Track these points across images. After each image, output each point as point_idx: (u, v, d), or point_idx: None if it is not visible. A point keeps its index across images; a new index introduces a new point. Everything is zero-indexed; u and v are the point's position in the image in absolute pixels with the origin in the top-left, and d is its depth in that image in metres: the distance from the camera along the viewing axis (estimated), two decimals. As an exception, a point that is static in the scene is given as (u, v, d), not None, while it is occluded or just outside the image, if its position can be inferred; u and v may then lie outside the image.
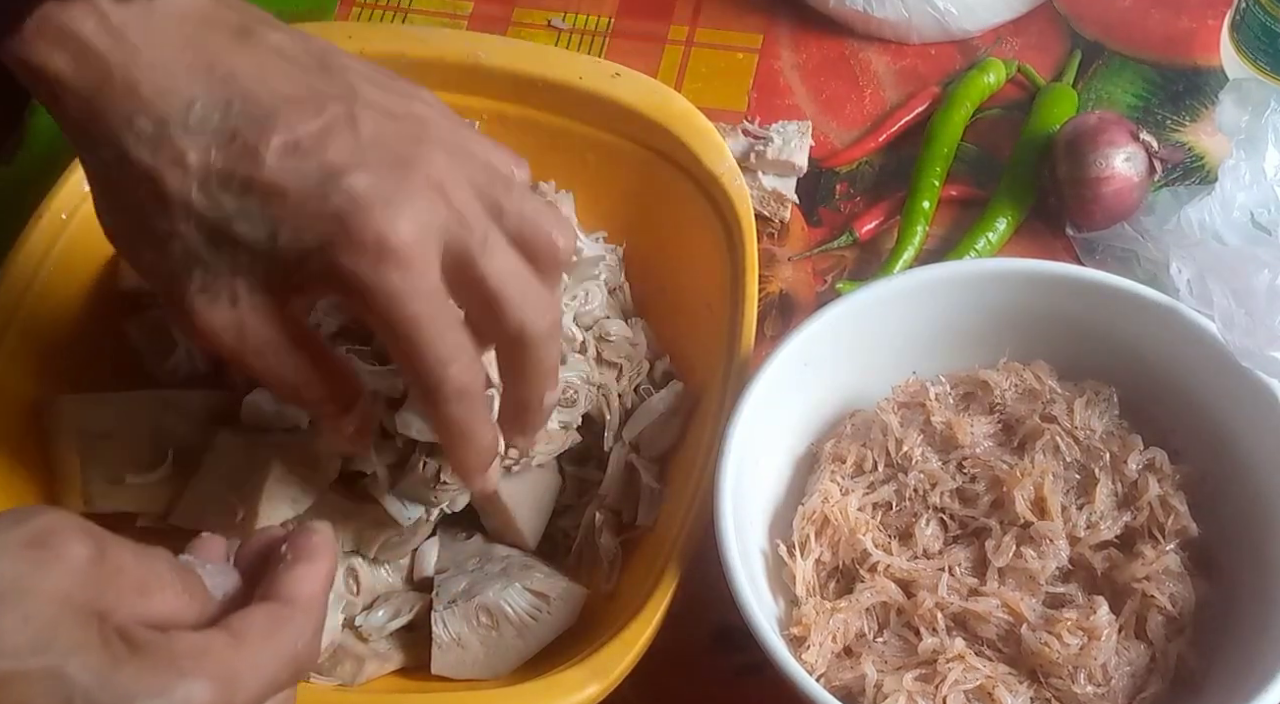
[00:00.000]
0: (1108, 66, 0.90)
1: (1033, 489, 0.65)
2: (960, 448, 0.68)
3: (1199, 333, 0.67)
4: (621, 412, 0.72)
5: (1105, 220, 0.80)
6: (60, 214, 0.75)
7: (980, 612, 0.63)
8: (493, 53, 0.80)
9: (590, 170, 0.79)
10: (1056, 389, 0.69)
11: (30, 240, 0.74)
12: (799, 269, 0.84)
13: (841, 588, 0.66)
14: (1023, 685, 0.62)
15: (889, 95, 0.90)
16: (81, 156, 0.57)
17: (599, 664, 0.62)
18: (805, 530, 0.66)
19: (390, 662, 0.67)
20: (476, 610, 0.65)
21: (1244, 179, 0.78)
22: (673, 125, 0.77)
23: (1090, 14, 0.93)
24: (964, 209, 0.85)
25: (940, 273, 0.71)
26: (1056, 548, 0.65)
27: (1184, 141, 0.87)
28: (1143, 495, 0.66)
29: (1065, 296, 0.69)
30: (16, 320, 0.72)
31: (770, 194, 0.84)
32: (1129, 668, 0.62)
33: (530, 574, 0.67)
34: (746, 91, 0.91)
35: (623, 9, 0.95)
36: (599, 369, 0.72)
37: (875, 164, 0.88)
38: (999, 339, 0.70)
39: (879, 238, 0.84)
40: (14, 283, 0.73)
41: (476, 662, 0.65)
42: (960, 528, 0.67)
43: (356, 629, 0.66)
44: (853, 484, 0.68)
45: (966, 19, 0.91)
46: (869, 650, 0.63)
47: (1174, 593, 0.63)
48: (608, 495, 0.70)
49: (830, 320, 0.68)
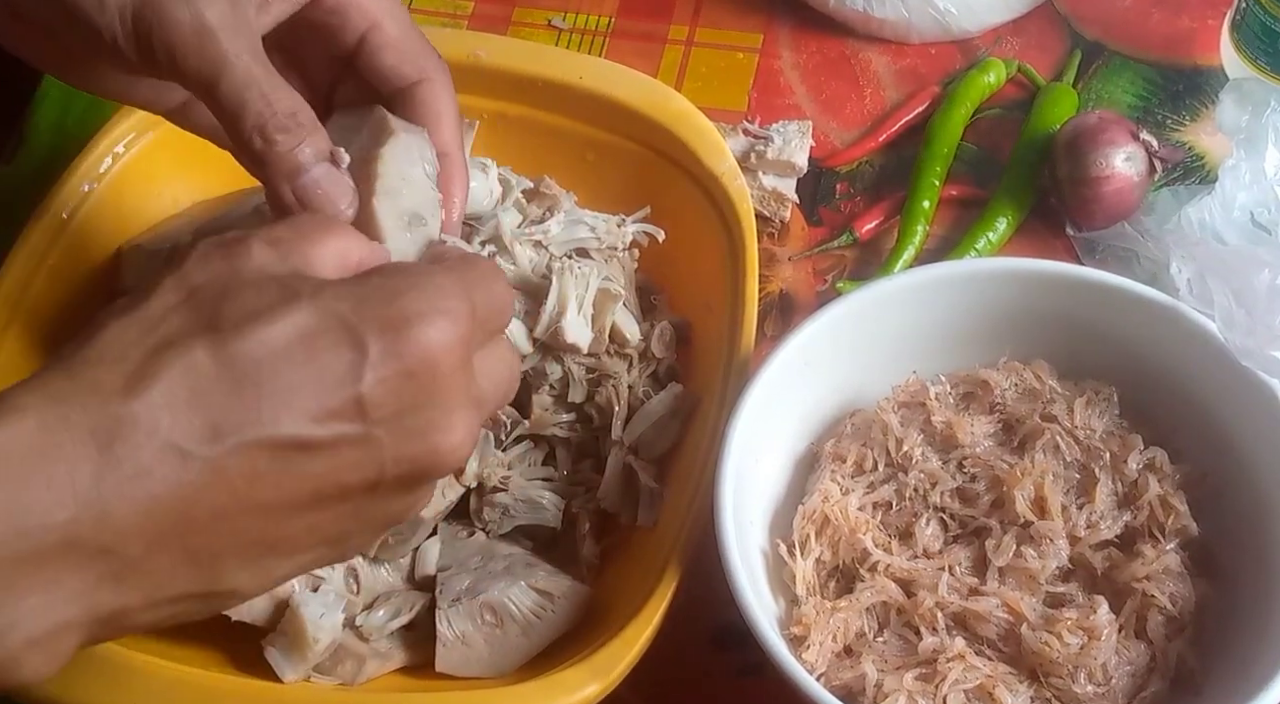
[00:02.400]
0: (1108, 66, 0.90)
1: (1033, 489, 0.65)
2: (960, 447, 0.68)
3: (1199, 332, 0.67)
4: (630, 402, 0.72)
5: (1105, 220, 0.80)
6: (60, 214, 0.75)
7: (980, 611, 0.63)
8: (493, 52, 0.80)
9: (590, 169, 0.79)
10: (1057, 389, 0.69)
11: (30, 240, 0.74)
12: (799, 269, 0.84)
13: (842, 587, 0.66)
14: (1023, 685, 0.62)
15: (889, 95, 0.90)
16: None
17: (599, 664, 0.62)
18: (805, 530, 0.66)
19: (391, 661, 0.67)
20: (481, 608, 0.65)
21: (1244, 179, 0.78)
22: (673, 125, 0.78)
23: (1090, 14, 0.93)
24: (964, 209, 0.85)
25: (940, 273, 0.71)
26: (1056, 547, 0.65)
27: (1184, 141, 0.87)
28: (1143, 495, 0.66)
29: (1065, 296, 0.69)
30: (16, 320, 0.72)
31: (770, 194, 0.84)
32: (1129, 667, 0.62)
33: (534, 572, 0.67)
34: (746, 91, 0.91)
35: (623, 9, 0.95)
36: (610, 360, 0.72)
37: (875, 164, 0.88)
38: (999, 339, 0.70)
39: (879, 237, 0.84)
40: (14, 283, 0.73)
41: (481, 660, 0.65)
42: (960, 527, 0.67)
43: (357, 629, 0.66)
44: (853, 484, 0.68)
45: (967, 19, 0.91)
46: (869, 650, 0.63)
47: (1174, 592, 0.63)
48: (605, 498, 0.70)
49: (830, 320, 0.68)
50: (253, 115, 0.54)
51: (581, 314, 0.70)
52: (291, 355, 0.46)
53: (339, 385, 0.46)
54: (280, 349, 0.46)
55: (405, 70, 0.60)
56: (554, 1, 0.96)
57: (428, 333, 0.47)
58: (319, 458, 0.46)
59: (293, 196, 0.55)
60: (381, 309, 0.47)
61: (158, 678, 0.63)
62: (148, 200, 0.78)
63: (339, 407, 0.46)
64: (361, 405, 0.46)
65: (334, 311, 0.47)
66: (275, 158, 0.54)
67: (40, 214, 0.75)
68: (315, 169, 0.55)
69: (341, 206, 0.55)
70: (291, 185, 0.55)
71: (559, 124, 0.80)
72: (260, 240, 0.49)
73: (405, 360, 0.47)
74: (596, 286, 0.71)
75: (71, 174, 0.76)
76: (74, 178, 0.76)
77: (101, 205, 0.76)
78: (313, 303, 0.47)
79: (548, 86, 0.79)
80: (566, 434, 0.72)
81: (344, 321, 0.46)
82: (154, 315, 0.46)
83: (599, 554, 0.70)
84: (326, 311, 0.47)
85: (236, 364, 0.45)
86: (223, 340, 0.45)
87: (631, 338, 0.73)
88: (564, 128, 0.80)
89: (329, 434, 0.46)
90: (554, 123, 0.80)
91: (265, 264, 0.48)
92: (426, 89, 0.60)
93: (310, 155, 0.55)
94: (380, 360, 0.46)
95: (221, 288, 0.47)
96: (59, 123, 0.90)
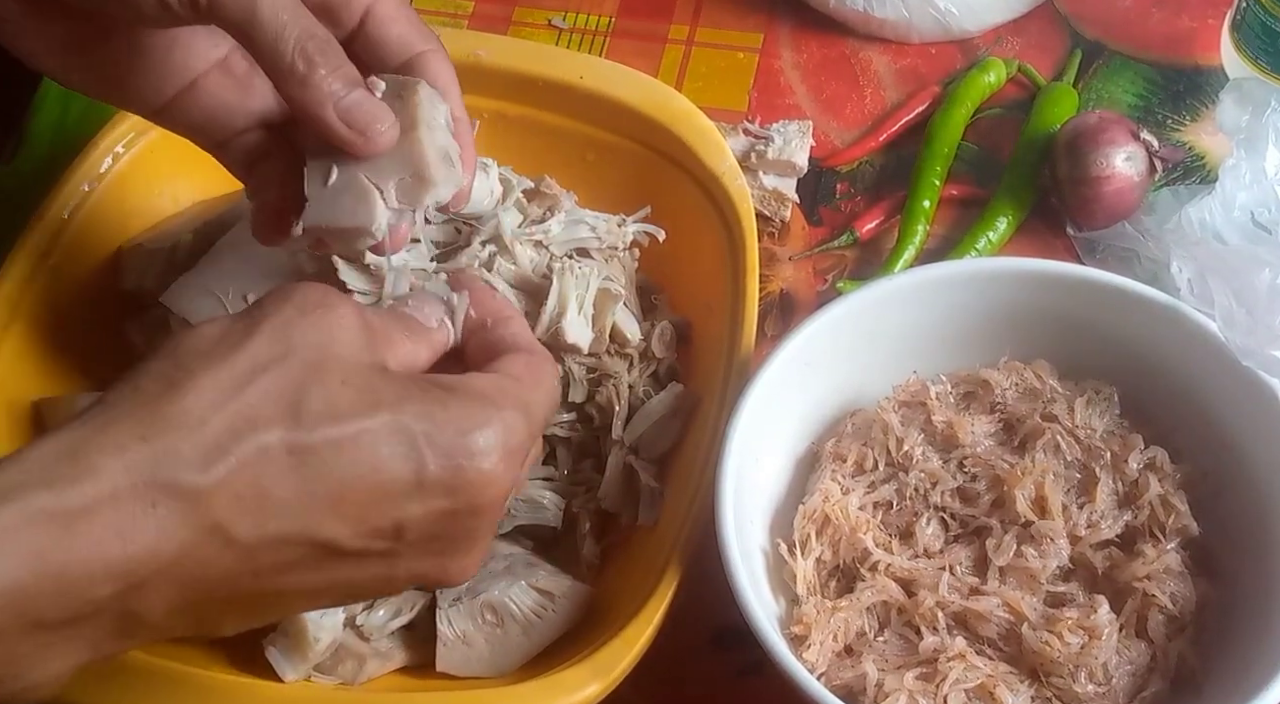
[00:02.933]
0: (1108, 66, 0.90)
1: (1033, 488, 0.65)
2: (961, 447, 0.68)
3: (1200, 332, 0.67)
4: (631, 402, 0.72)
5: (1106, 220, 0.80)
6: (60, 214, 0.75)
7: (981, 611, 0.63)
8: (493, 52, 0.80)
9: (590, 169, 0.79)
10: (1057, 388, 0.69)
11: (30, 240, 0.74)
12: (799, 269, 0.84)
13: (842, 587, 0.66)
14: (1023, 684, 0.62)
15: (889, 95, 0.90)
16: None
17: (600, 663, 0.62)
18: (806, 529, 0.66)
19: (391, 660, 0.67)
20: (482, 608, 0.65)
21: (1244, 178, 0.78)
22: (673, 125, 0.78)
23: (1091, 14, 0.93)
24: (964, 209, 0.85)
25: (940, 272, 0.71)
26: (1057, 547, 0.65)
27: (1184, 141, 0.87)
28: (1143, 494, 0.66)
29: (1065, 296, 0.69)
30: (17, 320, 0.72)
31: (771, 193, 0.84)
32: (1129, 667, 0.62)
33: (535, 572, 0.67)
34: (747, 91, 0.91)
35: (623, 9, 0.95)
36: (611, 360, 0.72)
37: (876, 164, 0.88)
38: (999, 338, 0.70)
39: (879, 237, 0.84)
40: (14, 283, 0.73)
41: (481, 659, 0.65)
42: (961, 527, 0.67)
43: (358, 628, 0.66)
44: (853, 483, 0.68)
45: (967, 19, 0.91)
46: (870, 649, 0.63)
47: (1175, 592, 0.63)
48: (605, 498, 0.70)
49: (830, 320, 0.68)
50: (293, 39, 0.55)
51: (582, 314, 0.70)
52: (356, 465, 0.47)
53: (388, 507, 0.48)
54: (348, 457, 0.47)
55: (412, 40, 0.61)
56: (554, 1, 0.96)
57: (488, 480, 0.49)
58: (345, 562, 0.49)
59: (338, 119, 0.56)
60: (452, 441, 0.49)
61: (158, 678, 0.63)
62: (148, 200, 0.78)
63: (381, 526, 0.48)
64: (400, 529, 0.49)
65: (408, 432, 0.48)
66: (319, 80, 0.56)
67: (40, 214, 0.75)
68: (355, 92, 0.56)
69: (383, 128, 0.57)
70: (335, 107, 0.56)
71: (559, 124, 0.80)
72: (357, 316, 0.50)
73: (455, 499, 0.49)
74: (597, 286, 0.71)
75: (71, 174, 0.76)
76: (74, 178, 0.76)
77: (101, 205, 0.76)
78: (392, 417, 0.48)
79: (548, 86, 0.79)
80: (567, 434, 0.72)
81: (414, 443, 0.48)
82: (242, 372, 0.47)
83: (599, 554, 0.70)
84: (401, 430, 0.48)
85: (306, 461, 0.47)
86: (300, 435, 0.47)
87: (632, 338, 0.73)
88: (564, 128, 0.80)
89: (362, 546, 0.48)
90: (554, 123, 0.80)
91: (357, 347, 0.50)
92: (431, 59, 0.61)
93: (347, 81, 0.56)
94: (432, 493, 0.49)
95: (316, 362, 0.48)
96: (59, 123, 0.90)
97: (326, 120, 0.56)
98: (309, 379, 0.48)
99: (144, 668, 0.63)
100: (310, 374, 0.48)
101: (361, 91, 0.57)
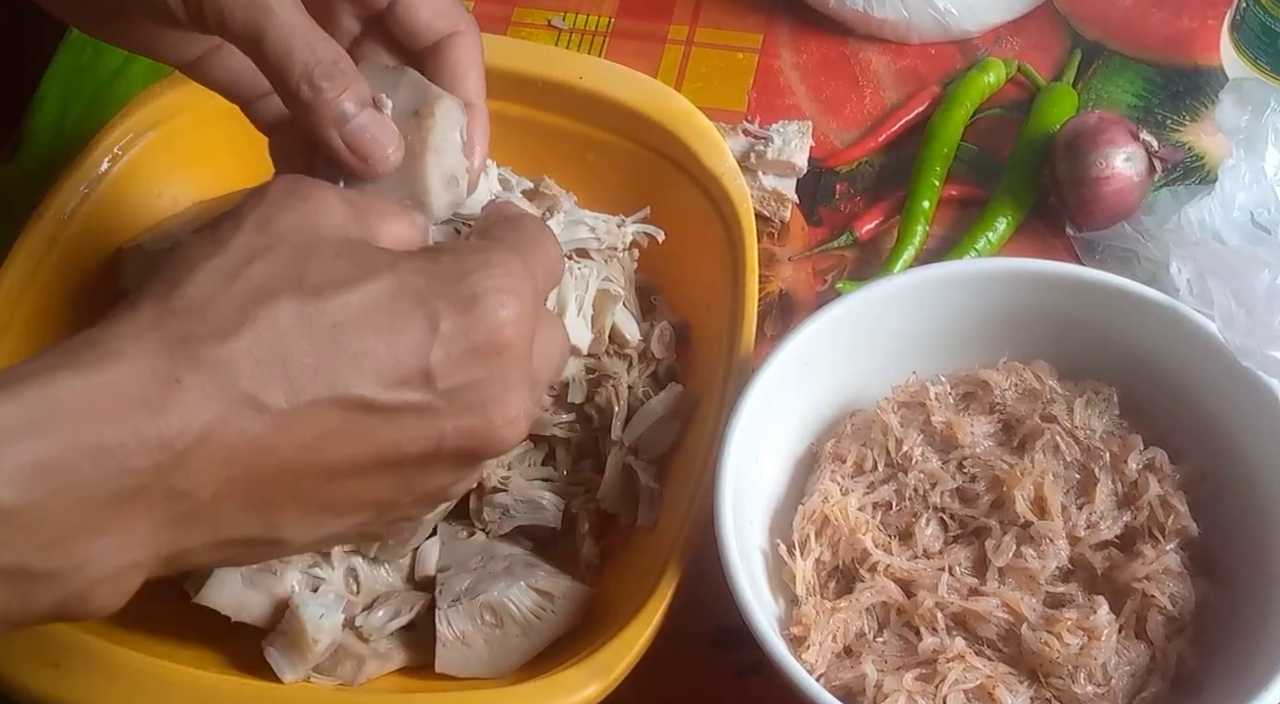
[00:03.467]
0: (1108, 66, 0.90)
1: (1033, 489, 0.65)
2: (960, 447, 0.68)
3: (1199, 332, 0.67)
4: (630, 403, 0.72)
5: (1105, 220, 0.80)
6: (60, 214, 0.75)
7: (980, 611, 0.63)
8: (493, 52, 0.79)
9: (590, 170, 0.79)
10: (1057, 389, 0.69)
11: (30, 240, 0.74)
12: (799, 269, 0.84)
13: (841, 588, 0.66)
14: (1023, 685, 0.62)
15: (889, 95, 0.90)
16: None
17: (599, 664, 0.62)
18: (805, 530, 0.66)
19: (391, 661, 0.67)
20: (481, 609, 0.65)
21: (1244, 179, 0.78)
22: (673, 125, 0.78)
23: (1090, 14, 0.93)
24: (964, 209, 0.85)
25: (940, 273, 0.71)
26: (1056, 548, 0.65)
27: (1184, 141, 0.87)
28: (1143, 495, 0.66)
29: (1065, 296, 0.69)
30: (17, 320, 0.72)
31: (770, 194, 0.84)
32: (1129, 668, 0.62)
33: (534, 573, 0.67)
34: (746, 91, 0.91)
35: (623, 9, 0.95)
36: (610, 360, 0.72)
37: (875, 164, 0.88)
38: (999, 339, 0.70)
39: (879, 238, 0.84)
40: (14, 283, 0.73)
41: (480, 660, 0.65)
42: (960, 528, 0.67)
43: (357, 629, 0.66)
44: (853, 484, 0.68)
45: (967, 19, 0.91)
46: (869, 650, 0.63)
47: (1174, 593, 0.63)
48: (605, 498, 0.70)
49: (830, 320, 0.68)
50: (299, 64, 0.56)
51: (581, 315, 0.70)
52: (370, 322, 0.48)
53: (410, 355, 0.49)
54: (360, 316, 0.48)
55: (439, 24, 0.61)
56: (554, 1, 0.96)
57: (496, 313, 0.50)
58: (384, 422, 0.49)
59: (341, 142, 0.56)
60: (453, 287, 0.50)
61: (158, 678, 0.63)
62: (148, 200, 0.78)
63: (408, 375, 0.49)
64: (429, 376, 0.49)
65: (411, 286, 0.49)
66: (323, 104, 0.56)
67: (40, 214, 0.75)
68: (361, 115, 0.57)
69: (388, 151, 0.57)
70: (339, 131, 0.56)
71: (559, 124, 0.80)
72: (338, 198, 0.51)
73: (473, 337, 0.49)
74: (596, 287, 0.71)
75: (71, 174, 0.76)
76: (74, 178, 0.76)
77: (101, 205, 0.76)
78: (393, 275, 0.49)
79: (548, 86, 0.79)
80: (566, 434, 0.72)
81: (420, 296, 0.49)
82: (237, 258, 0.48)
83: (599, 554, 0.70)
84: (404, 285, 0.49)
85: (319, 325, 0.47)
86: (308, 301, 0.48)
87: (631, 338, 0.73)
88: (564, 128, 0.80)
89: (396, 399, 0.48)
90: (554, 123, 0.80)
91: (343, 225, 0.51)
92: (458, 41, 0.61)
93: (355, 102, 0.57)
94: (450, 336, 0.49)
95: (305, 244, 0.49)
96: (59, 123, 0.90)
97: (331, 143, 0.57)
98: (302, 258, 0.49)
99: (144, 668, 0.63)
100: (302, 254, 0.49)
101: (368, 113, 0.57)
